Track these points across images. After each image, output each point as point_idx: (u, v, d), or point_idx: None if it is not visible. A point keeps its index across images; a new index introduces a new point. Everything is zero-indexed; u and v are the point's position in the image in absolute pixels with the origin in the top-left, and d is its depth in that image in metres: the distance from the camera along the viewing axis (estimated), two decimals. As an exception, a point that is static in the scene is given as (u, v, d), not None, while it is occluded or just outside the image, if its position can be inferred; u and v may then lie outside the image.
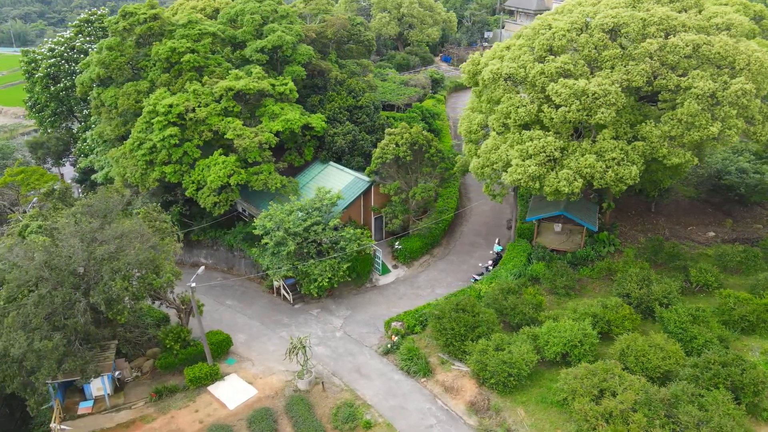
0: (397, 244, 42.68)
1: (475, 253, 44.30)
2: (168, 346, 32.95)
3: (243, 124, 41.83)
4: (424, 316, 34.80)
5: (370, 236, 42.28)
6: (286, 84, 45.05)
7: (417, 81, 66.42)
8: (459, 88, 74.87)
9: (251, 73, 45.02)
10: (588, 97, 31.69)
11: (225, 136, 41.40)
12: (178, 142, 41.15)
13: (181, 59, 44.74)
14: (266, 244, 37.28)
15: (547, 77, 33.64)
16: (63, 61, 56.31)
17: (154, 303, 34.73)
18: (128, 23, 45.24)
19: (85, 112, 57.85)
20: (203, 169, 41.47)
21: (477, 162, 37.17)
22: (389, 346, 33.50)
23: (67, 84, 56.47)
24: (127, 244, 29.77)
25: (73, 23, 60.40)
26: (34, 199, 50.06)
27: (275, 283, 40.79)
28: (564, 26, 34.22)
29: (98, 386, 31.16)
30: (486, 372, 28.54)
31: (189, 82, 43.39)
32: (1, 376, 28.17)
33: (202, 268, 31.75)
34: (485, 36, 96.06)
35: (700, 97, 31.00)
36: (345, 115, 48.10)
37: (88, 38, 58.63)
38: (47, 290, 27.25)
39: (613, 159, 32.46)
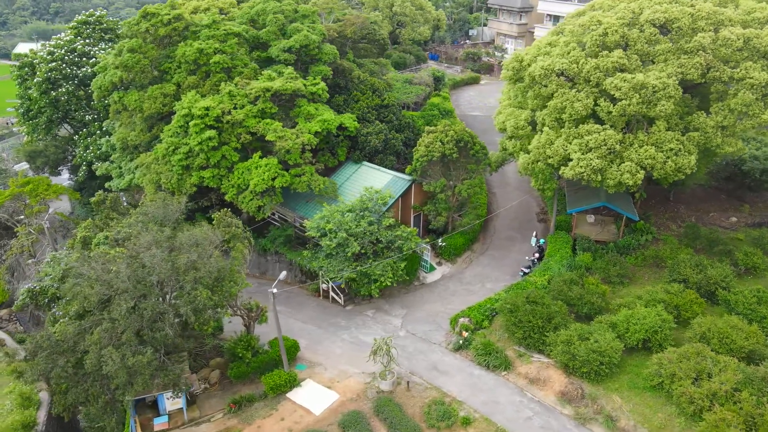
0: (440, 241, 42.79)
1: (513, 246, 44.92)
2: (239, 354, 32.04)
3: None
4: (489, 310, 35.11)
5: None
6: (316, 84, 44.48)
7: (421, 79, 66.68)
8: (456, 85, 75.71)
9: (282, 73, 44.23)
10: (648, 90, 32.66)
11: (266, 138, 40.52)
12: (216, 145, 40.03)
13: (210, 60, 43.54)
14: (321, 246, 36.71)
15: (602, 72, 34.46)
16: (63, 65, 53.64)
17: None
18: (150, 24, 43.59)
19: (88, 117, 55.35)
20: (243, 172, 40.48)
21: (527, 157, 37.66)
22: (461, 342, 33.62)
23: (69, 88, 53.85)
24: (202, 252, 28.83)
25: (71, 25, 57.58)
26: (50, 210, 47.68)
27: (323, 286, 40.26)
28: (615, 22, 35.12)
29: (173, 400, 30.03)
30: (575, 362, 29.04)
31: (223, 84, 42.22)
32: (83, 396, 26.85)
33: (284, 273, 30.97)
34: (470, 34, 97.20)
35: (754, 87, 32.47)
36: (373, 115, 47.89)
37: (87, 40, 56.07)
38: (133, 303, 26.07)
39: (671, 149, 33.56)
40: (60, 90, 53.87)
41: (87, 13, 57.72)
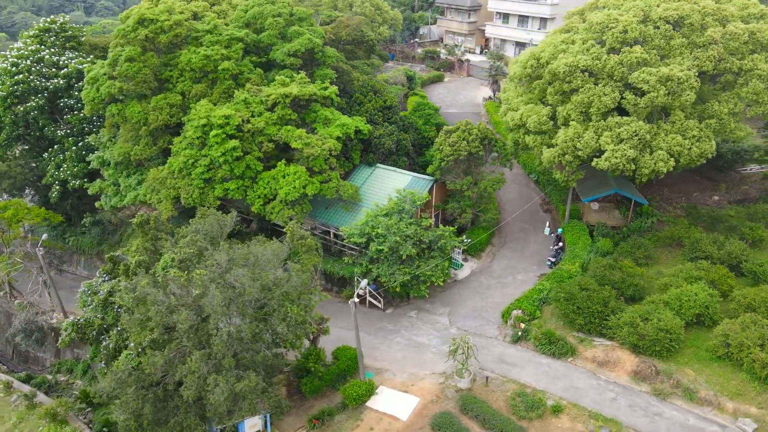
0: (464, 237, 43.51)
1: (529, 237, 46.50)
2: (311, 368, 31.23)
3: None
4: (538, 300, 36.28)
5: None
6: (326, 88, 43.81)
7: (396, 79, 67.09)
8: (424, 83, 76.69)
9: (293, 77, 43.22)
10: (673, 82, 35.03)
11: (291, 146, 39.51)
12: (240, 155, 38.54)
13: (217, 67, 41.77)
14: (359, 251, 36.40)
15: (625, 67, 36.52)
16: (31, 77, 49.20)
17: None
18: (150, 31, 41.08)
19: (60, 132, 51.13)
20: (269, 182, 39.26)
21: (552, 151, 39.04)
22: (519, 333, 34.56)
23: (40, 102, 49.51)
24: (281, 267, 27.95)
25: (31, 33, 52.82)
26: (44, 235, 43.79)
27: (359, 291, 39.82)
28: (633, 20, 37.30)
29: (252, 423, 28.82)
30: (644, 341, 30.74)
31: (237, 91, 40.67)
32: (178, 429, 25.23)
33: (365, 281, 30.39)
34: (421, 33, 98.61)
35: (762, 77, 35.69)
36: (380, 116, 47.80)
37: (52, 49, 51.76)
38: (231, 327, 24.80)
39: (694, 136, 36.20)
40: (28, 104, 49.40)
41: (49, 20, 53.24)
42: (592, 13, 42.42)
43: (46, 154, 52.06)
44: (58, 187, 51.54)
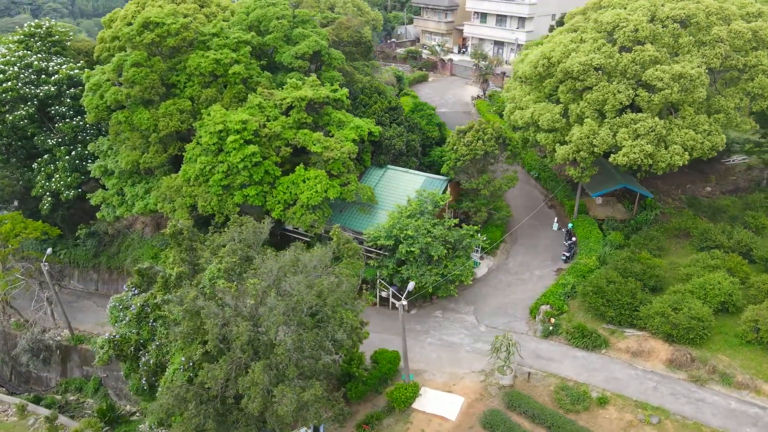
0: (480, 235, 43.83)
1: (539, 234, 47.27)
2: (354, 374, 30.98)
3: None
4: (563, 295, 36.97)
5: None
6: (336, 90, 43.50)
7: (388, 80, 67.02)
8: (410, 83, 76.88)
9: (303, 80, 42.72)
10: (686, 79, 36.27)
11: (309, 150, 39.06)
12: (259, 160, 37.86)
13: (228, 71, 40.89)
14: (384, 254, 36.34)
15: (638, 65, 37.59)
16: (19, 84, 46.98)
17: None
18: (156, 35, 39.84)
19: (51, 142, 49.00)
20: (288, 186, 38.70)
21: (567, 148, 39.86)
22: (550, 328, 35.17)
23: (30, 110, 47.35)
24: (323, 272, 27.66)
25: (15, 38, 50.39)
26: (49, 250, 41.89)
27: (383, 293, 39.79)
28: (643, 19, 38.42)
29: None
30: (678, 330, 31.74)
31: (251, 95, 39.92)
32: (241, 444, 24.64)
33: (412, 284, 30.25)
34: (398, 33, 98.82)
35: (766, 72, 37.34)
36: (387, 118, 47.71)
37: (39, 54, 49.58)
38: (292, 335, 24.38)
39: (705, 131, 37.58)
40: (17, 113, 47.18)
41: (34, 24, 50.95)
42: (597, 12, 43.47)
43: (36, 164, 49.83)
44: (49, 199, 49.39)
